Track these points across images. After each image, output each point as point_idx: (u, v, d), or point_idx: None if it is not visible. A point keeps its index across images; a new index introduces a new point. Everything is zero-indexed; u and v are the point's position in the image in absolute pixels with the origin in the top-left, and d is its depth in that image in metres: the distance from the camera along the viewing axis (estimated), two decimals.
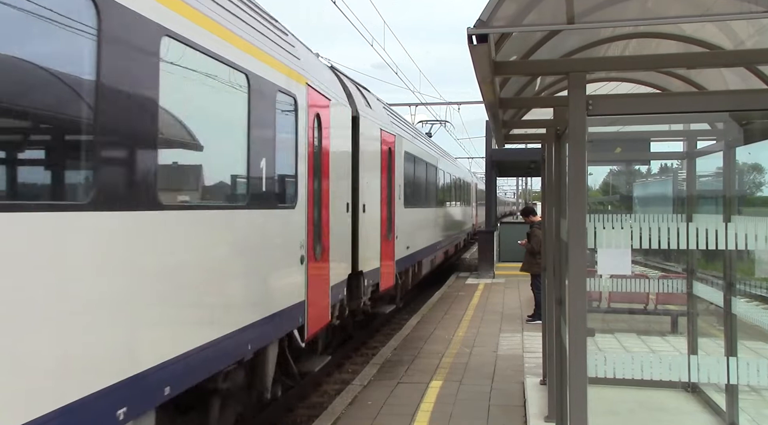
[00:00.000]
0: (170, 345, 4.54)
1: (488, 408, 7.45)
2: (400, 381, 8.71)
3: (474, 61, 3.45)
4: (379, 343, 12.31)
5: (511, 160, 22.63)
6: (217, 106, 5.50)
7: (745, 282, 5.88)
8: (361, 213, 10.28)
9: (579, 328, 3.73)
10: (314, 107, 7.85)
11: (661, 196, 12.13)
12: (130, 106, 4.15)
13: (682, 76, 5.52)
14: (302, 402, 8.88)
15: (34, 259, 3.36)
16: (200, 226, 5.07)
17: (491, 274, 20.50)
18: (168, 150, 4.67)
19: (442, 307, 14.99)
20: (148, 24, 4.30)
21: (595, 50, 5.13)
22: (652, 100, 4.70)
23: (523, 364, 9.42)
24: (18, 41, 3.35)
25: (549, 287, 6.57)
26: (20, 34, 3.36)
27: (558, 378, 5.43)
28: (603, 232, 3.86)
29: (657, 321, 11.07)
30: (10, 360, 3.21)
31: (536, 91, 6.20)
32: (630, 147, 7.62)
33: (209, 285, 5.21)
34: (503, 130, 6.79)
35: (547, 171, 6.78)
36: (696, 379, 4.18)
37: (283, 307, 6.71)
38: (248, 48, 5.91)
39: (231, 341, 5.48)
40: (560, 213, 5.36)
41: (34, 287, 3.37)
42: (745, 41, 4.52)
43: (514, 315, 13.72)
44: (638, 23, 4.42)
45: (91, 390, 3.72)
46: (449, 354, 10.22)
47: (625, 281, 7.54)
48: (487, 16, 3.12)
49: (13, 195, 3.41)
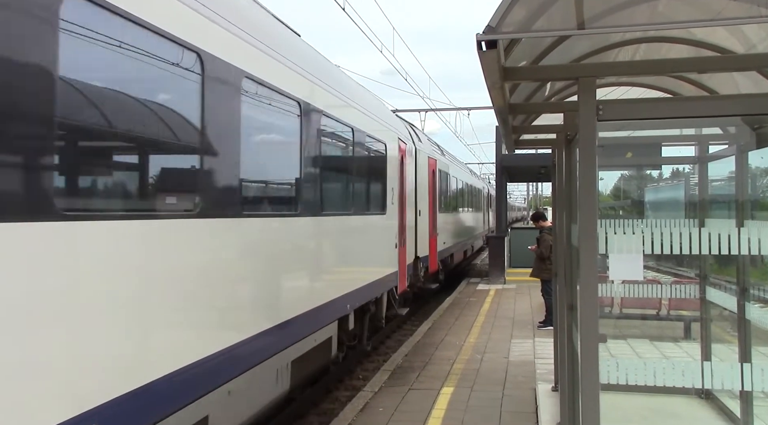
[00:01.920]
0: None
1: (500, 415, 7.41)
2: (411, 387, 8.69)
3: (483, 67, 3.45)
4: (390, 349, 12.30)
5: (521, 165, 22.59)
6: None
7: (759, 287, 5.81)
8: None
9: (591, 334, 3.71)
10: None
11: (673, 201, 12.05)
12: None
13: (693, 81, 5.49)
14: (314, 408, 8.87)
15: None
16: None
17: (502, 280, 20.43)
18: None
19: (453, 313, 14.95)
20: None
21: (605, 55, 5.11)
22: (663, 105, 4.67)
23: (534, 370, 9.37)
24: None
25: (560, 293, 6.54)
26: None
27: (570, 384, 5.40)
28: (614, 238, 3.83)
29: (670, 327, 10.97)
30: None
31: (546, 96, 6.18)
32: (641, 151, 7.58)
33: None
34: (513, 135, 6.77)
35: (557, 176, 6.75)
36: (710, 386, 4.13)
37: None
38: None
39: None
40: (571, 218, 5.33)
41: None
42: (757, 45, 4.49)
43: (526, 321, 13.66)
44: (648, 28, 4.40)
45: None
46: (460, 360, 10.19)
47: (637, 286, 7.49)
48: (496, 22, 3.12)
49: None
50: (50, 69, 3.43)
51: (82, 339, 3.63)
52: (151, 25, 4.26)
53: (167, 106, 4.68)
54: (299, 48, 7.61)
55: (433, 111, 30.80)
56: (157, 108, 4.54)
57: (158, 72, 4.49)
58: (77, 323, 3.60)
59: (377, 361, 11.47)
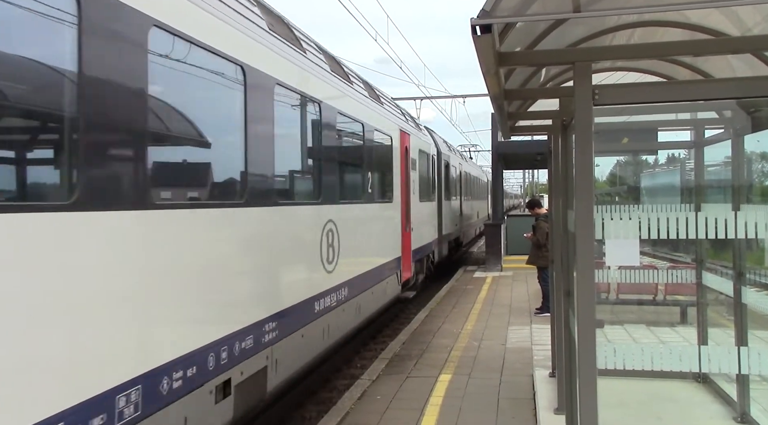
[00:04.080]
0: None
1: (497, 401, 7.44)
2: (409, 375, 8.71)
3: (478, 52, 3.42)
4: (388, 337, 12.31)
5: (518, 152, 22.51)
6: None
7: (755, 271, 5.82)
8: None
9: (588, 320, 3.70)
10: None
11: (669, 186, 12.05)
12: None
13: (688, 65, 5.47)
14: (311, 397, 8.89)
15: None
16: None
17: (499, 267, 20.45)
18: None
19: (450, 301, 14.98)
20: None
21: (601, 40, 5.08)
22: (659, 89, 4.65)
23: (532, 357, 9.40)
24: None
25: (557, 279, 6.54)
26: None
27: (567, 370, 5.41)
28: (611, 223, 3.82)
29: (666, 312, 11.01)
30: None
31: (542, 81, 6.15)
32: (637, 137, 7.57)
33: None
34: (509, 121, 6.74)
35: (553, 162, 6.74)
36: (706, 370, 4.15)
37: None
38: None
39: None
40: (567, 204, 5.32)
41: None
42: (752, 28, 4.47)
43: (523, 308, 13.69)
44: (644, 11, 4.36)
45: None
46: (458, 347, 10.21)
47: (634, 272, 7.50)
48: (491, 6, 3.09)
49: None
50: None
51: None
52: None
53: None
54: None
55: (428, 99, 30.70)
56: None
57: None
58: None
59: (375, 350, 11.49)
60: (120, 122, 4.06)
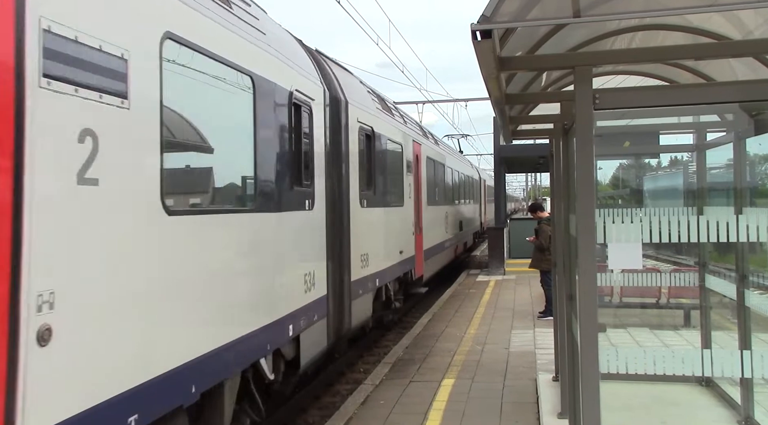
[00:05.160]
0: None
1: (501, 406, 7.42)
2: (412, 379, 8.70)
3: (479, 57, 3.43)
4: (391, 342, 12.31)
5: (520, 156, 22.54)
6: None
7: (758, 274, 5.81)
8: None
9: (590, 324, 3.70)
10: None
11: (672, 189, 12.04)
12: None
13: (690, 68, 5.46)
14: (315, 402, 8.88)
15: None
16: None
17: (502, 271, 20.44)
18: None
19: (453, 305, 14.97)
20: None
21: (601, 44, 5.09)
22: (660, 93, 4.65)
23: (535, 361, 9.39)
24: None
25: (560, 283, 6.54)
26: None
27: (570, 374, 5.40)
28: (613, 227, 3.82)
29: (669, 315, 10.99)
30: None
31: (543, 86, 6.15)
32: (639, 140, 7.56)
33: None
34: (510, 126, 6.75)
35: (555, 166, 6.74)
36: (710, 373, 4.13)
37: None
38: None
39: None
40: (569, 208, 5.32)
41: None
42: (753, 31, 4.47)
43: (526, 311, 13.67)
44: (644, 15, 4.37)
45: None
46: (461, 351, 10.20)
47: (637, 275, 7.49)
48: (491, 12, 3.10)
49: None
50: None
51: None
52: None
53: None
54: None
55: (430, 103, 30.75)
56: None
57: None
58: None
59: (378, 354, 11.48)
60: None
